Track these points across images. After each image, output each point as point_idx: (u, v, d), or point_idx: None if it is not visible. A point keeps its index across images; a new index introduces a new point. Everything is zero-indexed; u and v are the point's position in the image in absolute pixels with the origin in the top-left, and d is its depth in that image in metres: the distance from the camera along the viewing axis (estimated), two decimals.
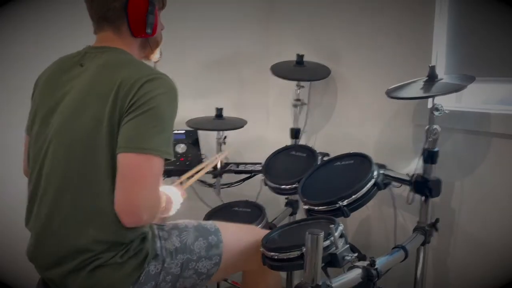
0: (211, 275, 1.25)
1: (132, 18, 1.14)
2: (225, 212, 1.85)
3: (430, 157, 1.44)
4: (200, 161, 1.91)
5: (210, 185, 2.00)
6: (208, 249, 1.24)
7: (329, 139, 2.10)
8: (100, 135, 1.04)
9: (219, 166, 1.94)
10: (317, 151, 1.77)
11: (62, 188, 1.07)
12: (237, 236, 1.33)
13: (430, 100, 1.56)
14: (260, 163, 1.92)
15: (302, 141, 2.08)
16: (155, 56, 1.28)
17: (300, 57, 1.95)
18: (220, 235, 1.27)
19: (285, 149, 1.88)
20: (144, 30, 1.15)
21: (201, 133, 2.01)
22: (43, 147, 1.11)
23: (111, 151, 1.04)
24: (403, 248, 1.35)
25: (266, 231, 1.42)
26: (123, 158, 1.01)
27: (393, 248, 1.37)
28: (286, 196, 1.99)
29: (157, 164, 1.03)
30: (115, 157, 1.03)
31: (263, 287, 1.40)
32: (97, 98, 1.05)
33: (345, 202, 1.33)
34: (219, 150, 1.98)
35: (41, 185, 1.11)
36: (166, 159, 1.05)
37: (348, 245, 1.20)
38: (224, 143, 1.98)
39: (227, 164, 1.97)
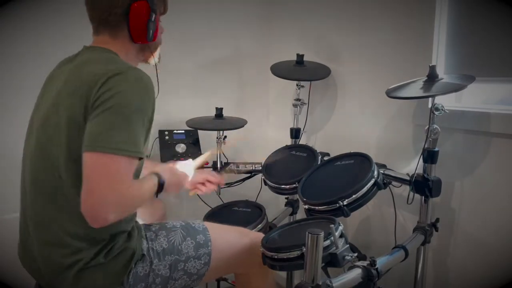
0: (202, 275, 1.25)
1: (133, 25, 1.13)
2: (225, 212, 1.85)
3: (430, 157, 1.44)
4: None
5: None
6: (196, 248, 1.23)
7: (329, 139, 2.10)
8: (67, 132, 1.03)
9: (219, 166, 1.95)
10: (317, 151, 1.77)
11: (35, 189, 1.08)
12: (226, 236, 1.32)
13: (430, 99, 1.56)
14: (260, 163, 1.92)
15: (302, 141, 2.08)
16: (154, 59, 1.27)
17: (300, 57, 1.95)
18: (208, 234, 1.27)
19: (285, 148, 1.88)
20: (144, 36, 1.15)
21: (201, 133, 2.01)
22: (27, 147, 1.13)
23: (73, 148, 1.01)
24: (403, 248, 1.35)
25: (255, 233, 1.42)
26: (87, 158, 0.96)
27: (393, 248, 1.37)
28: (286, 196, 1.99)
29: (123, 163, 0.97)
30: (75, 153, 1.01)
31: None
32: (68, 96, 1.04)
33: (345, 202, 1.32)
34: (219, 149, 1.98)
35: (24, 186, 1.12)
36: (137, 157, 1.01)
37: (348, 245, 1.20)
38: (224, 143, 1.98)
39: (227, 164, 1.96)
